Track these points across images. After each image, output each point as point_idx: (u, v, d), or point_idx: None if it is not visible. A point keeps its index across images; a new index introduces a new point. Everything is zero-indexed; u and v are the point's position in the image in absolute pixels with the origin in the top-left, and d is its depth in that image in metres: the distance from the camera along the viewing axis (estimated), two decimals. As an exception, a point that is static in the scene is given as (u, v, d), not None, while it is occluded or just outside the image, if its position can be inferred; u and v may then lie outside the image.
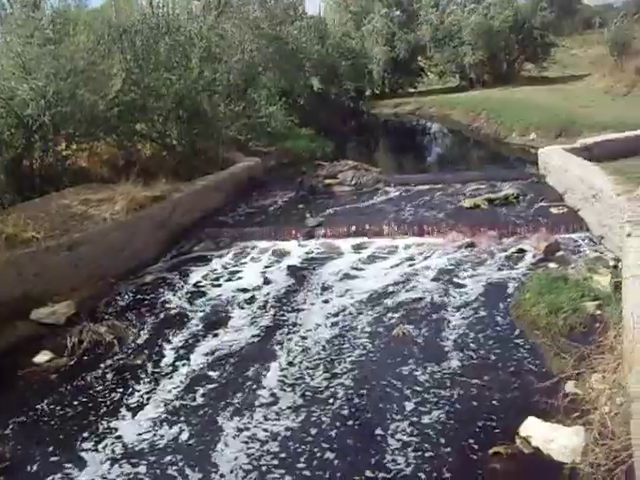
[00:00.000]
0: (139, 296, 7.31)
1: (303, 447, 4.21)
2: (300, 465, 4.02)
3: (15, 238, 6.86)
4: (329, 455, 4.10)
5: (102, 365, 5.64)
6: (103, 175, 10.47)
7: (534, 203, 9.20)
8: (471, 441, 4.07)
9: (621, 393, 4.25)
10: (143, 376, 5.39)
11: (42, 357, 5.86)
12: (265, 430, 4.43)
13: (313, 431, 4.38)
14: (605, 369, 4.59)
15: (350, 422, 4.46)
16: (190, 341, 5.98)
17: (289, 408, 4.68)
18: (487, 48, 26.02)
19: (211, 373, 5.35)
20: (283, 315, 6.44)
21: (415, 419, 4.39)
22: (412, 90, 31.85)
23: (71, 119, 8.89)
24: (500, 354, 5.19)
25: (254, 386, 5.05)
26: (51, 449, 4.44)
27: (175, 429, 4.54)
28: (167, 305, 6.95)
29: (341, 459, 4.05)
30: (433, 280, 6.97)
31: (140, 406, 4.90)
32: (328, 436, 4.31)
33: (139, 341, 6.10)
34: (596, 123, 13.19)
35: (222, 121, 12.28)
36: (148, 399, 4.99)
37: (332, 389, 4.90)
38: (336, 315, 6.29)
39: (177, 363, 5.56)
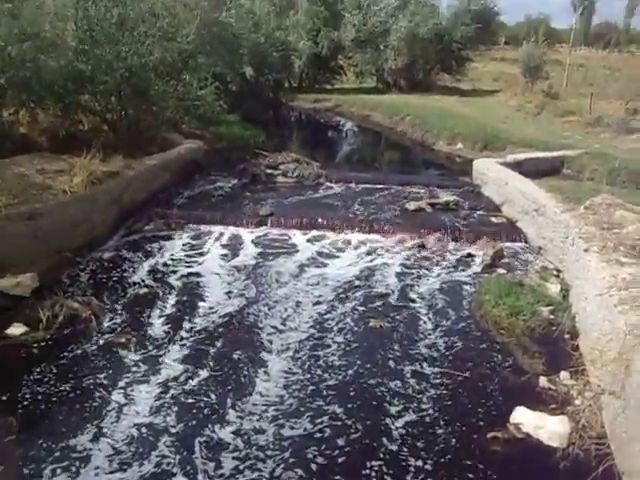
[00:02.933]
0: (102, 273, 7.24)
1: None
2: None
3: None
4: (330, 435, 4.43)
5: (85, 341, 5.61)
6: (42, 144, 10.13)
7: (474, 211, 9.84)
8: (469, 427, 4.52)
9: (588, 388, 4.86)
10: (131, 357, 5.40)
11: (16, 329, 5.73)
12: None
13: (312, 425, 4.64)
14: (571, 368, 5.19)
15: (353, 413, 4.71)
16: (169, 323, 6.03)
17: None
18: (409, 54, 26.83)
19: (202, 355, 5.43)
20: (257, 308, 6.47)
21: (414, 409, 4.76)
22: (329, 87, 32.27)
23: (27, 84, 8.57)
24: (474, 350, 5.68)
25: (248, 374, 5.20)
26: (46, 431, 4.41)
27: (170, 418, 4.57)
28: (135, 285, 6.95)
29: (349, 445, 4.39)
30: (394, 276, 7.39)
31: (133, 391, 4.90)
32: (330, 419, 4.62)
33: (117, 319, 6.08)
34: (519, 140, 14.08)
35: (163, 100, 12.13)
36: (140, 383, 5.01)
37: (328, 382, 5.13)
38: (313, 307, 6.50)
39: (163, 345, 5.61)
